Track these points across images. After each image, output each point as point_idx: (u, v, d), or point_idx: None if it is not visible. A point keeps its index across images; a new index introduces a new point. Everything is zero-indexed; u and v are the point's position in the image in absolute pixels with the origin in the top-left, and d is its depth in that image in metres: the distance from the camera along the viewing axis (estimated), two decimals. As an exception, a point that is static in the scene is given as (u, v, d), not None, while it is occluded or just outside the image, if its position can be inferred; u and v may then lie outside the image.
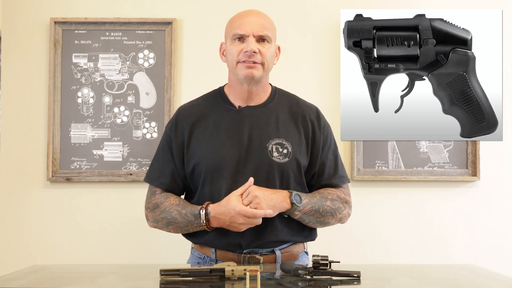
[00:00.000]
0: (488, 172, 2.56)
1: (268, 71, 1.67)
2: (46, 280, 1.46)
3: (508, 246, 2.57)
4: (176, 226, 1.65)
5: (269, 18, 1.68)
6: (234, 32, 1.62)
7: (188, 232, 1.67)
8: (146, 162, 2.53)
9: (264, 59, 1.62)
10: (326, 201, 1.65)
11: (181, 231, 1.67)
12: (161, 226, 1.69)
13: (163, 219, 1.67)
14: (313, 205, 1.61)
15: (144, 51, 2.58)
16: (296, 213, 1.59)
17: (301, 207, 1.58)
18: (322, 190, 1.69)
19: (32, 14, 2.58)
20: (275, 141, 1.65)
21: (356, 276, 1.35)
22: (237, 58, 1.62)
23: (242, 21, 1.62)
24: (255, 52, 1.59)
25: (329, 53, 2.58)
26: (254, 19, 1.62)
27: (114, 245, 2.53)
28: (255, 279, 1.22)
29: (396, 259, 2.54)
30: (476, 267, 1.70)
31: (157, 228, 1.72)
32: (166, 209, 1.66)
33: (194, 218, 1.60)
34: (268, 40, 1.63)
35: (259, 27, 1.61)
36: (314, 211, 1.61)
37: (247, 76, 1.61)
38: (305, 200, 1.60)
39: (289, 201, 1.57)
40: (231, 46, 1.64)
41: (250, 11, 1.67)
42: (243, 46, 1.60)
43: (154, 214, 1.69)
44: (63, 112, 2.55)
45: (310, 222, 1.64)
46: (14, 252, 2.54)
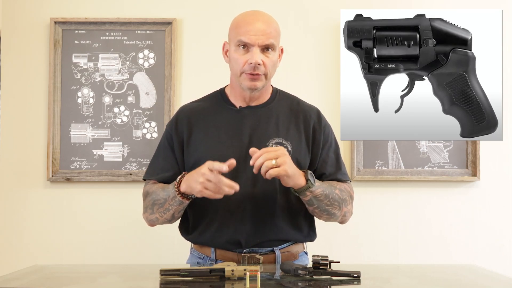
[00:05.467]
0: (488, 172, 2.56)
1: (271, 78, 1.67)
2: (46, 280, 1.46)
3: (508, 246, 2.57)
4: (159, 205, 1.61)
5: (274, 22, 1.66)
6: (238, 39, 1.61)
7: (168, 211, 1.60)
8: (146, 162, 2.53)
9: (267, 69, 1.62)
10: (335, 189, 1.64)
11: (163, 211, 1.61)
12: (150, 213, 1.65)
13: (149, 202, 1.64)
14: (323, 189, 1.59)
15: (144, 51, 2.58)
16: (307, 193, 1.56)
17: (313, 188, 1.56)
18: (330, 181, 1.68)
19: (32, 14, 2.58)
20: (275, 140, 1.65)
21: (356, 276, 1.35)
22: (242, 69, 1.61)
23: (248, 28, 1.60)
24: (259, 64, 1.59)
25: (329, 53, 2.58)
26: (260, 26, 1.60)
27: (114, 245, 2.53)
28: (255, 279, 1.23)
29: (396, 259, 2.54)
30: (476, 267, 1.70)
31: (149, 219, 1.67)
32: (153, 191, 1.64)
33: (172, 187, 1.57)
34: (272, 48, 1.62)
35: (265, 37, 1.59)
36: (324, 196, 1.59)
37: (251, 87, 1.63)
38: (317, 183, 1.59)
39: (304, 178, 1.55)
40: (235, 53, 1.63)
41: (256, 16, 1.64)
42: (248, 58, 1.60)
43: (145, 203, 1.67)
44: (63, 112, 2.55)
45: (318, 207, 1.61)
46: (14, 252, 2.54)
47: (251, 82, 1.62)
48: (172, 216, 1.63)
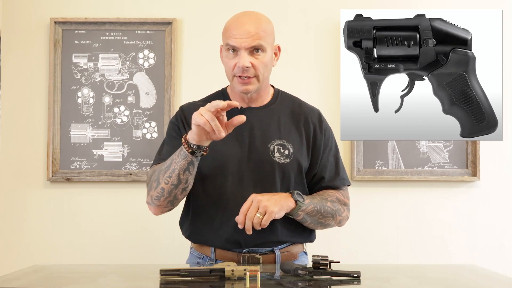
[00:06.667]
0: (488, 172, 2.56)
1: (265, 80, 1.66)
2: (46, 280, 1.46)
3: (507, 246, 2.57)
4: (164, 171, 1.55)
5: (265, 22, 1.63)
6: (226, 42, 1.61)
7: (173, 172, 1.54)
8: (146, 162, 2.53)
9: (258, 71, 1.60)
10: (326, 202, 1.65)
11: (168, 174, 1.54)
12: (155, 187, 1.58)
13: (155, 177, 1.59)
14: (314, 205, 1.61)
15: (144, 51, 2.58)
16: (299, 212, 1.59)
17: (304, 206, 1.58)
18: (321, 192, 1.70)
19: (32, 14, 2.58)
20: (277, 142, 1.65)
21: (356, 276, 1.35)
22: (233, 72, 1.62)
23: (234, 32, 1.59)
24: (248, 67, 1.58)
25: (329, 53, 2.58)
26: (246, 29, 1.58)
27: (114, 245, 2.53)
28: (255, 279, 1.22)
29: (396, 259, 2.54)
30: (475, 267, 1.70)
31: (155, 196, 1.60)
32: (159, 168, 1.60)
33: (178, 150, 1.53)
34: (262, 49, 1.60)
35: (250, 39, 1.58)
36: (316, 212, 1.62)
37: (243, 91, 1.63)
38: (307, 200, 1.61)
39: (292, 200, 1.57)
40: (226, 58, 1.63)
41: (243, 18, 1.62)
42: (236, 61, 1.60)
43: (149, 184, 1.62)
44: (63, 112, 2.55)
45: (312, 223, 1.64)
46: (14, 252, 2.54)
47: (243, 86, 1.62)
48: (178, 180, 1.54)
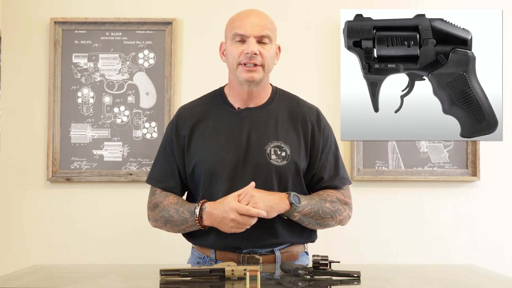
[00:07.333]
0: (488, 172, 2.56)
1: (269, 72, 1.67)
2: (46, 280, 1.46)
3: (507, 246, 2.57)
4: (173, 224, 1.65)
5: (270, 18, 1.67)
6: (234, 32, 1.62)
7: (185, 231, 1.67)
8: (146, 162, 2.53)
9: (265, 60, 1.62)
10: (325, 203, 1.64)
11: (178, 230, 1.67)
12: (160, 225, 1.70)
13: (161, 218, 1.67)
14: (312, 206, 1.61)
15: (144, 51, 2.58)
16: (295, 214, 1.59)
17: (300, 208, 1.58)
18: (321, 192, 1.69)
19: (32, 14, 2.58)
20: (274, 143, 1.65)
21: (356, 276, 1.35)
22: (238, 60, 1.61)
23: (243, 21, 1.62)
24: (255, 53, 1.59)
25: (329, 53, 2.58)
26: (254, 19, 1.62)
27: (114, 245, 2.53)
28: (255, 279, 1.22)
29: (396, 259, 2.54)
30: (475, 267, 1.70)
31: (158, 227, 1.72)
32: (164, 208, 1.66)
33: (190, 215, 1.60)
34: (268, 40, 1.62)
35: (260, 28, 1.60)
36: (314, 213, 1.61)
37: (248, 79, 1.62)
38: (304, 202, 1.60)
39: (288, 202, 1.56)
40: (231, 47, 1.63)
41: (251, 11, 1.66)
42: (244, 48, 1.60)
43: (154, 214, 1.70)
44: (63, 112, 2.55)
45: (310, 224, 1.64)
46: (14, 252, 2.54)
47: (248, 73, 1.61)
48: (182, 230, 1.68)
